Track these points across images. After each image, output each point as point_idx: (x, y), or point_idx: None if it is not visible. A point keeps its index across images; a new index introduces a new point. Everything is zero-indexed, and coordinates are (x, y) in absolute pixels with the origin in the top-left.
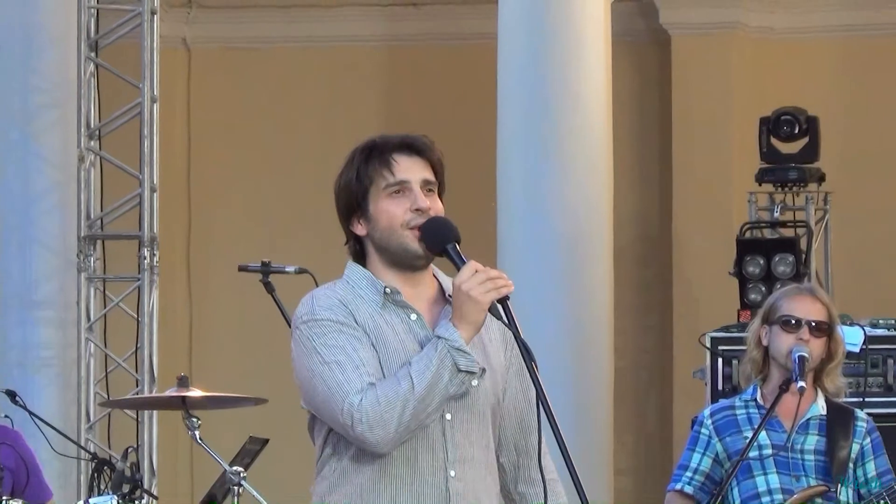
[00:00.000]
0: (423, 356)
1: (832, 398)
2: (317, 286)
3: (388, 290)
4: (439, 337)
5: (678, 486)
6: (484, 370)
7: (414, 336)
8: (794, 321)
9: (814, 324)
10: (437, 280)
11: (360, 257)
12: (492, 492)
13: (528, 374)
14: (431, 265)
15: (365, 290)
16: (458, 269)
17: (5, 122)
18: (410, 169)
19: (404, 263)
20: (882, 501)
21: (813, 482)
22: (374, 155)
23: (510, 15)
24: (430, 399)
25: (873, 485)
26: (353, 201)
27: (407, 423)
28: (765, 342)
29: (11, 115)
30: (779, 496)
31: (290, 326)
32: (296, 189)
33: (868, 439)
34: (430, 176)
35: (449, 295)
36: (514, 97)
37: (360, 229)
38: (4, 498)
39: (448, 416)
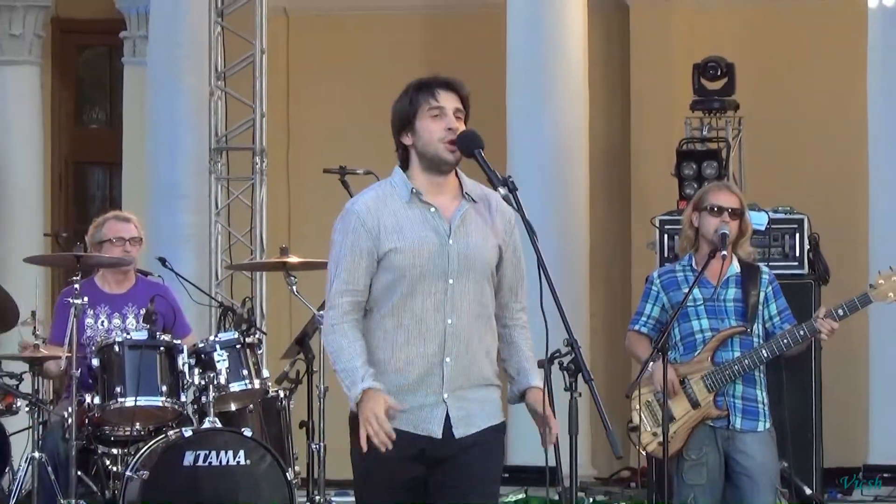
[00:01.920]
0: (350, 374)
1: (744, 259)
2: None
3: (414, 190)
4: (362, 390)
5: (636, 328)
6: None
7: (428, 224)
8: (717, 209)
9: (731, 210)
10: (459, 180)
11: (405, 162)
12: (483, 335)
13: (520, 248)
14: (457, 169)
15: (399, 189)
16: (483, 168)
17: (157, 69)
18: (447, 99)
19: (435, 168)
20: (784, 341)
21: (734, 324)
22: (423, 88)
23: None
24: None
25: (776, 320)
26: (404, 119)
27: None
28: (696, 224)
29: (161, 63)
30: (709, 333)
31: None
32: (363, 114)
33: (770, 287)
34: (460, 106)
35: (466, 192)
36: (519, 49)
37: (407, 140)
38: (158, 333)
39: (451, 281)
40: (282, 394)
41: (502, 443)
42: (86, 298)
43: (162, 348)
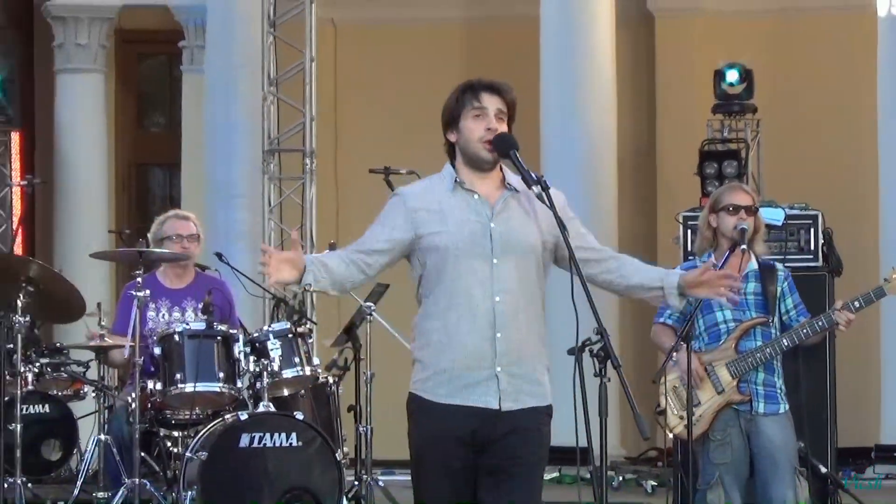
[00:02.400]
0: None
1: (759, 257)
2: None
3: (458, 179)
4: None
5: (662, 320)
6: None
7: (471, 208)
8: (734, 207)
9: (746, 207)
10: (504, 174)
11: (452, 157)
12: (532, 317)
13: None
14: (501, 165)
15: (445, 179)
16: (518, 168)
17: (213, 76)
18: (490, 101)
19: (475, 165)
20: (804, 331)
21: (755, 315)
22: (468, 90)
23: (549, 4)
24: None
25: (792, 313)
26: (451, 118)
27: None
28: (714, 224)
29: (217, 71)
30: (732, 324)
31: None
32: (407, 117)
33: (786, 283)
34: (503, 108)
35: (508, 184)
36: (551, 57)
37: (452, 137)
38: (216, 323)
39: (495, 261)
40: (331, 380)
41: (548, 427)
42: (148, 291)
43: (219, 338)
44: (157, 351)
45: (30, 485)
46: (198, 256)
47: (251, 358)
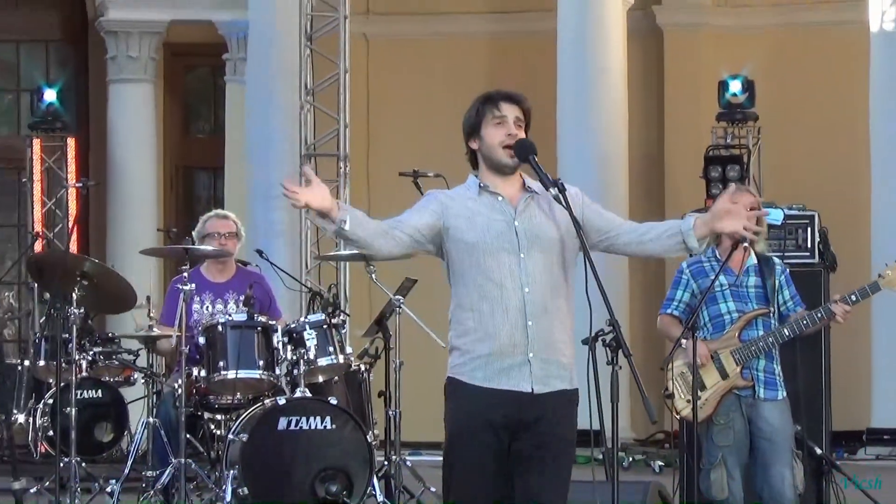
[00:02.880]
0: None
1: (759, 253)
2: (447, 185)
3: (482, 184)
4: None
5: (668, 311)
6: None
7: (496, 209)
8: None
9: (749, 208)
10: (523, 179)
11: (474, 164)
12: (559, 307)
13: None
14: (520, 171)
15: (471, 186)
16: (537, 172)
17: (254, 86)
18: (508, 110)
19: (497, 170)
20: (804, 322)
21: (756, 307)
22: (488, 100)
23: (565, 19)
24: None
25: (789, 304)
26: (472, 127)
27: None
28: None
29: (258, 81)
30: (735, 314)
31: None
32: (434, 124)
33: (783, 276)
34: (520, 115)
35: (527, 187)
36: (567, 69)
37: (474, 145)
38: (256, 315)
39: (522, 255)
40: (363, 367)
41: (576, 409)
42: (193, 285)
43: (259, 328)
44: (201, 340)
45: (84, 464)
46: (237, 253)
47: (289, 347)
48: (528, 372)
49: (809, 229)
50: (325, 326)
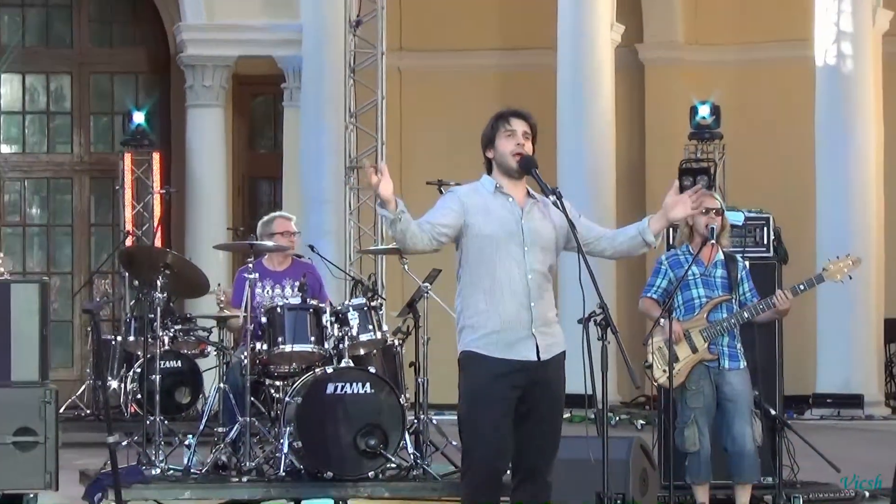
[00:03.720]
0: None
1: (725, 250)
2: None
3: (497, 185)
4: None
5: (648, 295)
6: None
7: (507, 208)
8: (706, 210)
9: (715, 210)
10: (527, 188)
11: (489, 168)
12: (547, 286)
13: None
14: (526, 182)
15: (486, 186)
16: (539, 183)
17: (307, 110)
18: (517, 124)
19: (507, 173)
20: (760, 307)
21: (721, 293)
22: (501, 117)
23: (563, 55)
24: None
25: (748, 294)
26: (488, 139)
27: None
28: (690, 223)
29: (310, 106)
30: (704, 299)
31: None
32: (454, 140)
33: (744, 271)
34: (527, 129)
35: (531, 194)
36: (565, 97)
37: (489, 154)
38: (308, 299)
39: (525, 248)
40: (396, 342)
41: (564, 368)
42: (256, 274)
43: (311, 310)
44: (263, 320)
45: (166, 422)
46: (293, 247)
47: (335, 325)
48: (533, 344)
49: (765, 229)
50: (365, 308)
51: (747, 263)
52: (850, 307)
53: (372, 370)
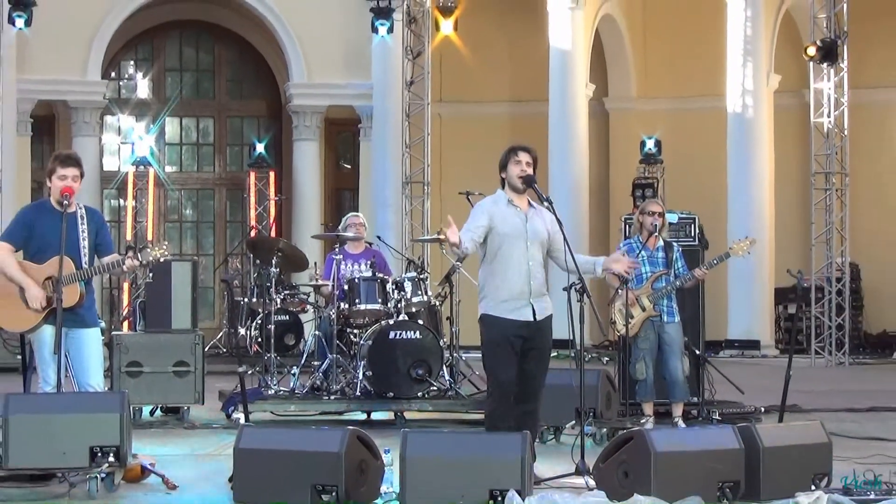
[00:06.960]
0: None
1: (664, 239)
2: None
3: (509, 199)
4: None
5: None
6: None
7: (517, 216)
8: (650, 212)
9: (658, 213)
10: (529, 201)
11: (503, 185)
12: (542, 269)
13: (559, 234)
14: (529, 197)
15: (501, 199)
16: (537, 193)
17: (377, 143)
18: (523, 156)
19: (515, 190)
20: (686, 276)
21: (661, 269)
22: (511, 150)
23: (553, 106)
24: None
25: (681, 269)
26: (502, 164)
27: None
28: (640, 221)
29: (379, 140)
30: (649, 273)
31: None
32: (479, 163)
33: (678, 253)
34: (529, 159)
35: (532, 206)
36: (556, 135)
37: (503, 175)
38: (377, 273)
39: (528, 244)
40: (437, 303)
41: (551, 325)
42: (341, 256)
43: (378, 281)
44: (345, 287)
45: (278, 357)
46: (365, 236)
47: (395, 291)
48: (531, 309)
49: (693, 226)
50: (416, 280)
51: (680, 248)
52: (751, 277)
53: (420, 322)
